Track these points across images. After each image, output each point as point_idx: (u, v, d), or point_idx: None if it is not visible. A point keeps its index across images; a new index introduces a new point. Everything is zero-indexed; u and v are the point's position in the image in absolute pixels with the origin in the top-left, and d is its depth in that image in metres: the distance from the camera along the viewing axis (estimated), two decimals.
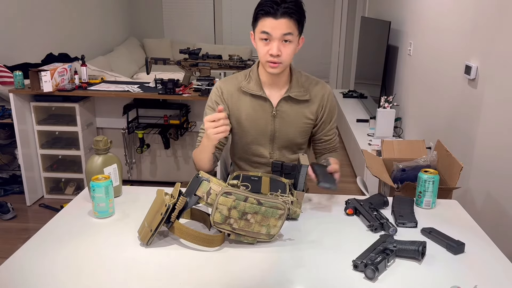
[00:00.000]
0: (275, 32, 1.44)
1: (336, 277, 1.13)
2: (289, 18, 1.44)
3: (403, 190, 1.97)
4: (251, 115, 1.63)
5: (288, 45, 1.48)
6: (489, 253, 1.26)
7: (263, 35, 1.46)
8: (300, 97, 1.62)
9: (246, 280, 1.12)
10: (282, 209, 1.23)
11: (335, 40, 6.22)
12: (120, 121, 3.27)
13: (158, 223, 1.21)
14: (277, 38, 1.45)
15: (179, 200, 1.23)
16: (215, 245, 1.24)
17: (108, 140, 1.51)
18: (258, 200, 1.21)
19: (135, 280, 1.11)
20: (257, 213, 1.21)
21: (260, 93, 1.60)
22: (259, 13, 1.46)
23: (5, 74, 3.06)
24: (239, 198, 1.20)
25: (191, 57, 3.05)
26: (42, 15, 4.02)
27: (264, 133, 1.65)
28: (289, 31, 1.45)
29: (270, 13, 1.43)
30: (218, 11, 6.15)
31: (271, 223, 1.23)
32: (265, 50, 1.48)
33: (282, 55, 1.48)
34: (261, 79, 1.61)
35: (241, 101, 1.63)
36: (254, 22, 1.50)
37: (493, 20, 2.16)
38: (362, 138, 3.63)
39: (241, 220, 1.21)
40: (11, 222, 2.95)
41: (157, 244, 1.26)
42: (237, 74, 1.68)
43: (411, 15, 3.54)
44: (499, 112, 2.06)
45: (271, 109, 1.62)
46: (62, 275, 1.12)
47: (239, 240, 1.25)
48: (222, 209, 1.20)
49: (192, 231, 1.23)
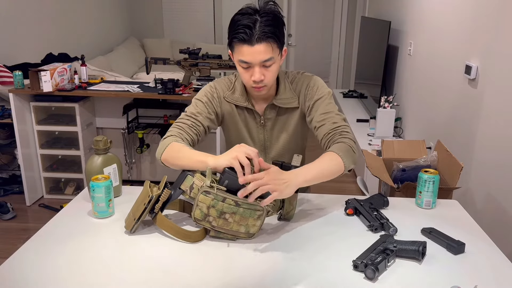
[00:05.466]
0: (254, 59, 1.35)
1: (336, 277, 1.13)
2: (266, 42, 1.33)
3: (403, 190, 1.97)
4: (243, 121, 1.57)
5: (270, 69, 1.39)
6: (489, 253, 1.25)
7: (242, 63, 1.37)
8: (286, 105, 1.52)
9: (245, 280, 1.11)
10: (260, 210, 1.23)
11: (335, 40, 6.22)
12: (120, 121, 3.26)
13: (141, 212, 1.26)
14: (257, 65, 1.36)
15: (163, 192, 1.26)
16: (193, 240, 1.26)
17: (108, 140, 1.51)
18: (236, 202, 1.21)
19: (135, 280, 1.11)
20: (235, 214, 1.22)
21: (246, 104, 1.52)
22: (233, 40, 1.36)
23: (5, 74, 3.06)
24: (217, 198, 1.21)
25: (191, 57, 3.05)
26: (42, 15, 4.02)
27: (256, 142, 1.59)
28: (268, 57, 1.35)
29: (245, 40, 1.32)
30: (218, 11, 6.15)
31: (250, 222, 1.24)
32: (247, 76, 1.40)
33: (266, 78, 1.39)
34: (247, 91, 1.53)
35: (232, 107, 1.55)
36: (229, 45, 1.40)
37: (493, 20, 2.16)
38: (362, 138, 3.63)
39: (219, 219, 1.22)
40: (11, 222, 2.95)
41: (158, 244, 1.26)
42: (225, 79, 1.58)
43: (411, 15, 3.54)
44: (499, 112, 2.06)
45: (259, 118, 1.55)
46: (62, 275, 1.12)
47: (219, 236, 1.27)
48: (202, 207, 1.22)
49: (172, 224, 1.27)
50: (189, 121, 1.48)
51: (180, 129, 1.46)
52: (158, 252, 1.23)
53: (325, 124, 1.44)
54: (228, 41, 1.40)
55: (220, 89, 1.55)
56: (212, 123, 1.53)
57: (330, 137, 1.42)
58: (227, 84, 1.56)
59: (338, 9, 6.08)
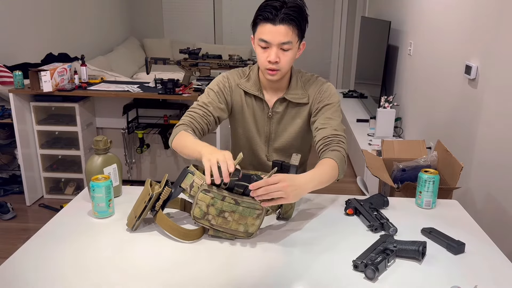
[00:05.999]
0: (273, 39, 1.40)
1: (336, 277, 1.13)
2: (288, 25, 1.39)
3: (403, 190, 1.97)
4: (251, 112, 1.62)
5: (286, 53, 1.44)
6: (489, 253, 1.26)
7: (261, 42, 1.43)
8: (297, 100, 1.57)
9: (245, 279, 1.11)
10: (259, 209, 1.24)
11: (335, 40, 6.22)
12: (120, 121, 3.26)
13: (141, 210, 1.28)
14: (275, 45, 1.41)
15: (164, 190, 1.28)
16: (190, 239, 1.27)
17: (108, 140, 1.51)
18: (236, 200, 1.23)
19: (135, 280, 1.11)
20: (235, 212, 1.24)
21: (257, 93, 1.58)
22: (258, 18, 1.42)
23: (5, 74, 3.06)
24: (217, 196, 1.22)
25: (191, 57, 3.05)
26: (42, 15, 4.02)
27: (261, 133, 1.64)
28: (287, 40, 1.40)
29: (269, 19, 1.38)
30: (218, 11, 6.15)
31: (249, 221, 1.25)
32: (263, 57, 1.45)
33: (281, 62, 1.44)
34: (260, 81, 1.59)
35: (242, 97, 1.61)
36: (253, 27, 1.47)
37: (493, 20, 2.16)
38: (362, 138, 3.63)
39: (218, 217, 1.24)
40: (11, 222, 2.95)
41: (158, 244, 1.26)
42: (238, 70, 1.65)
43: (411, 15, 3.54)
44: (499, 112, 2.06)
45: (267, 110, 1.60)
46: (62, 275, 1.12)
47: (218, 235, 1.28)
48: (201, 205, 1.23)
49: (171, 222, 1.27)
50: (201, 111, 1.55)
51: (191, 118, 1.54)
52: (158, 251, 1.23)
53: (326, 128, 1.49)
54: (252, 23, 1.46)
55: (232, 79, 1.61)
56: (223, 112, 1.59)
57: (328, 142, 1.46)
58: (241, 74, 1.63)
59: (338, 9, 6.08)
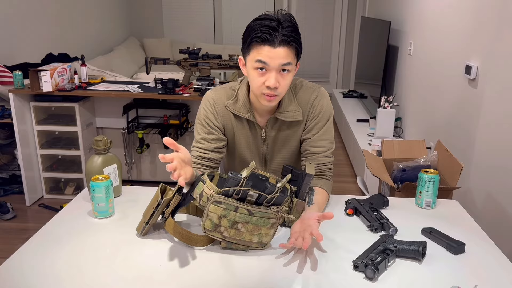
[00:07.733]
0: (273, 62, 1.29)
1: (336, 277, 1.13)
2: (288, 47, 1.29)
3: (403, 190, 1.97)
4: (243, 135, 1.53)
5: (286, 75, 1.33)
6: (489, 253, 1.26)
7: (259, 64, 1.31)
8: (290, 118, 1.47)
9: (245, 279, 1.11)
10: (274, 218, 1.19)
11: (335, 40, 6.22)
12: (120, 121, 3.26)
13: (149, 215, 1.28)
14: (274, 69, 1.31)
15: (174, 198, 1.26)
16: (199, 245, 1.25)
17: (108, 140, 1.51)
18: (249, 211, 1.17)
19: (135, 280, 1.11)
20: (248, 223, 1.18)
21: (247, 116, 1.47)
22: (254, 40, 1.30)
23: (5, 74, 3.06)
24: (229, 207, 1.16)
25: (191, 57, 3.05)
26: (42, 15, 4.02)
27: (255, 156, 1.56)
28: (288, 61, 1.30)
29: (268, 41, 1.28)
30: (218, 11, 6.15)
31: (263, 232, 1.19)
32: (260, 81, 1.33)
33: (280, 86, 1.33)
34: (250, 102, 1.47)
35: (231, 120, 1.51)
36: (246, 49, 1.35)
37: (493, 20, 2.16)
38: (362, 138, 3.63)
39: (231, 229, 1.18)
40: (11, 222, 2.95)
41: (158, 245, 1.26)
42: (225, 88, 1.52)
43: (411, 15, 3.54)
44: (499, 112, 2.06)
45: (260, 132, 1.51)
46: (62, 275, 1.12)
47: (230, 247, 1.23)
48: (212, 217, 1.17)
49: (180, 228, 1.25)
50: (203, 160, 1.48)
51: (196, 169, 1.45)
52: (158, 253, 1.23)
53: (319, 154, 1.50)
54: (243, 45, 1.35)
55: (220, 100, 1.49)
56: (221, 141, 1.51)
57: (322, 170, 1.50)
58: (228, 93, 1.50)
59: (338, 9, 6.08)
